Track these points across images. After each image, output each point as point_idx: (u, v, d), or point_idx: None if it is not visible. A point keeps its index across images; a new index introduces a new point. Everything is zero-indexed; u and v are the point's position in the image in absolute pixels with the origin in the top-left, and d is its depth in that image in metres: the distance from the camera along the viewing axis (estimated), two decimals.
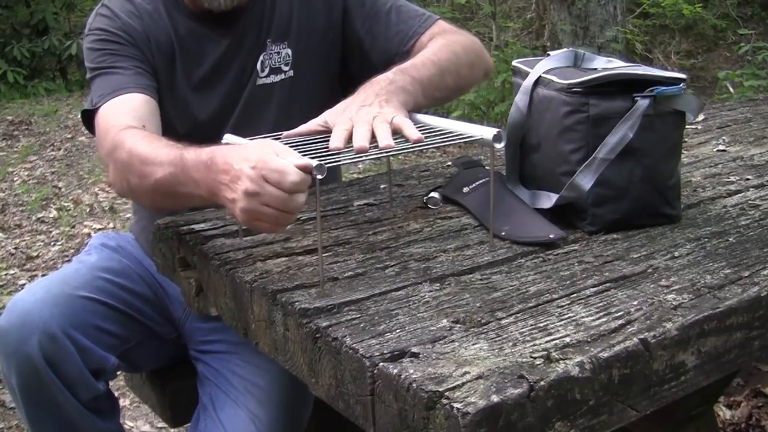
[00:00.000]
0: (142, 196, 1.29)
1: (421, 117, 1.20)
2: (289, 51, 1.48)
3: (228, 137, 1.18)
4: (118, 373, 1.51)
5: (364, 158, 1.07)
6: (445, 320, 0.90)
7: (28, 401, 1.36)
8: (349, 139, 1.08)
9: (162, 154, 1.19)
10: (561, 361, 0.81)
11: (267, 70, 1.47)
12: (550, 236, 1.14)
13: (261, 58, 1.47)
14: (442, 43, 1.40)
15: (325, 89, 1.51)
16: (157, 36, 1.43)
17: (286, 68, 1.48)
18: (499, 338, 0.86)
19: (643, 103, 1.13)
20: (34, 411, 1.37)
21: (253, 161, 1.01)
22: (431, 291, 0.99)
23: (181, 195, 1.17)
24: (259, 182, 0.99)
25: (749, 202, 1.32)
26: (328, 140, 1.09)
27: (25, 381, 1.32)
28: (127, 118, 1.31)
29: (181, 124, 1.47)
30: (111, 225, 4.08)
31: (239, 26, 1.46)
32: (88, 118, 1.39)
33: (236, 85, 1.47)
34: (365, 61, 1.49)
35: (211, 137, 1.20)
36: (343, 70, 1.54)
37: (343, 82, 1.54)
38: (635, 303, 0.94)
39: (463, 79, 1.42)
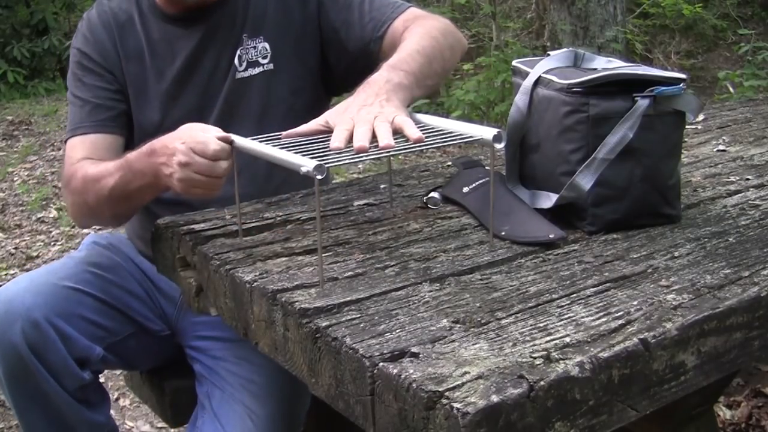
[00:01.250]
0: (102, 211, 1.43)
1: (422, 117, 1.20)
2: (267, 45, 1.51)
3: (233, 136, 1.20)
4: (118, 372, 1.52)
5: (364, 158, 1.07)
6: (445, 320, 0.90)
7: (16, 391, 1.38)
8: (350, 139, 1.09)
9: (110, 167, 1.37)
10: (561, 361, 0.81)
11: (245, 65, 1.51)
12: (550, 236, 1.14)
13: (238, 53, 1.50)
14: (421, 31, 1.43)
15: (305, 81, 1.55)
16: (127, 46, 1.52)
17: (264, 61, 1.51)
18: (499, 338, 0.86)
19: (643, 103, 1.13)
20: (21, 401, 1.39)
21: (183, 138, 1.21)
22: (431, 291, 0.99)
23: (133, 192, 1.34)
24: (189, 154, 1.19)
25: (749, 202, 1.32)
26: (328, 140, 1.10)
27: (12, 370, 1.35)
28: (81, 154, 1.47)
29: (165, 119, 1.50)
30: None
31: (211, 22, 1.50)
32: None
33: (214, 78, 1.51)
34: (342, 51, 1.53)
35: None
36: (322, 61, 1.57)
37: (323, 74, 1.57)
38: (635, 303, 0.94)
39: (447, 61, 1.45)
